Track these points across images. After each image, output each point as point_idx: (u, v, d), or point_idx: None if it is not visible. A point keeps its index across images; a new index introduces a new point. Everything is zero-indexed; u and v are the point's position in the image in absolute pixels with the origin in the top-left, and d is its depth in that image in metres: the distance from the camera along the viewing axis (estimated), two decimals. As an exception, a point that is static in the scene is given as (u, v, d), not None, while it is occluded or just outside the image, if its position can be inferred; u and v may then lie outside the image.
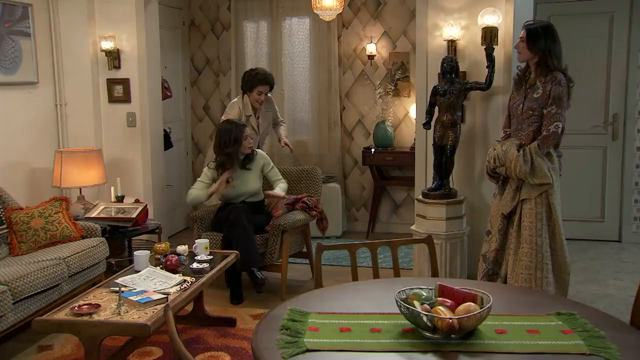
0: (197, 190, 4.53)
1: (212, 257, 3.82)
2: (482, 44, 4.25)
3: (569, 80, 3.55)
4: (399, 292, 1.95)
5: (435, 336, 1.84)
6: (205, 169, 4.62)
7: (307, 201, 4.73)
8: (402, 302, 1.89)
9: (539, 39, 3.54)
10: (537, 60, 3.58)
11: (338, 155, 6.41)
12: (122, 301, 2.95)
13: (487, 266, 3.76)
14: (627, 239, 5.84)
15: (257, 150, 4.75)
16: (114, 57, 5.12)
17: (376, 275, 2.68)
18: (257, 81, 4.89)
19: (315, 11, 5.08)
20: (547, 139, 3.50)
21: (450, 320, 1.79)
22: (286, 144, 5.17)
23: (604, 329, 1.92)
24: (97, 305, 2.96)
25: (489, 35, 4.20)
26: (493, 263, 3.74)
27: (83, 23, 5.07)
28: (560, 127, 3.49)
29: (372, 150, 5.97)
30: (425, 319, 1.82)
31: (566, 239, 3.64)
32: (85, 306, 2.94)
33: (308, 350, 1.77)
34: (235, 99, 5.12)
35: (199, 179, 4.61)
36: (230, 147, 4.44)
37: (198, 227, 4.59)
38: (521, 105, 3.64)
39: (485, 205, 4.55)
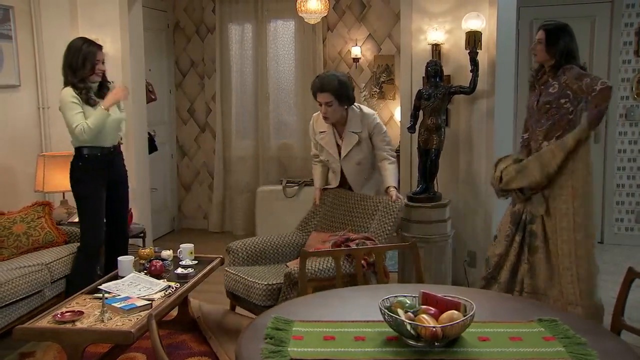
0: (84, 129, 3.79)
1: (197, 262, 3.81)
2: (466, 48, 4.27)
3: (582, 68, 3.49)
4: (383, 300, 1.96)
5: (419, 344, 1.85)
6: (70, 99, 3.83)
7: (352, 246, 3.35)
8: (386, 311, 1.89)
9: (558, 40, 3.49)
10: (554, 62, 3.51)
11: (323, 158, 6.41)
12: (105, 308, 2.93)
13: (487, 270, 3.75)
14: (609, 240, 5.91)
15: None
16: (97, 60, 5.06)
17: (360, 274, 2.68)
18: (313, 88, 3.92)
19: (300, 14, 5.08)
20: (600, 93, 3.24)
21: (434, 329, 1.80)
22: (396, 197, 3.78)
23: (585, 335, 1.94)
24: (80, 313, 2.93)
25: (473, 40, 4.22)
26: (494, 268, 3.72)
27: (66, 26, 5.01)
28: (606, 84, 3.27)
29: (357, 153, 5.97)
30: (409, 327, 1.83)
31: None
32: (68, 313, 2.92)
33: (292, 360, 1.77)
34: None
35: (74, 113, 3.82)
36: (81, 71, 3.85)
37: (232, 259, 3.92)
38: (536, 102, 3.60)
39: (470, 208, 4.58)
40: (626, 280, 2.33)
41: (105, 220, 4.08)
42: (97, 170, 3.95)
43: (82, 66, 3.86)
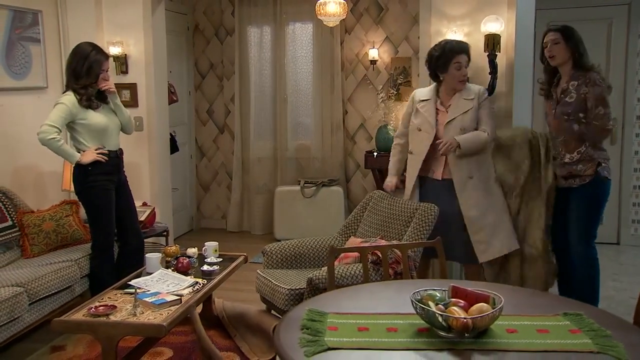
0: (54, 140, 3.75)
1: (221, 259, 3.90)
2: (485, 51, 4.33)
3: (603, 80, 3.49)
4: (414, 293, 2.04)
5: (450, 335, 1.93)
6: (69, 106, 3.79)
7: (380, 254, 3.15)
8: (417, 303, 1.97)
9: (572, 35, 3.50)
10: (572, 63, 3.52)
11: (340, 159, 6.50)
12: (137, 302, 3.02)
13: None
14: (625, 241, 5.94)
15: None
16: (121, 62, 5.18)
17: (387, 276, 2.76)
18: (451, 51, 3.81)
19: (319, 17, 5.14)
20: (606, 132, 3.44)
21: (465, 320, 1.87)
22: (442, 143, 3.68)
23: (609, 329, 2.01)
24: (113, 307, 3.03)
25: (492, 42, 4.28)
26: None
27: (91, 29, 5.13)
28: (612, 127, 3.46)
29: (375, 154, 6.05)
30: (440, 318, 1.91)
31: None
32: (102, 307, 3.01)
33: (329, 349, 1.85)
34: None
35: (54, 120, 3.75)
36: (84, 79, 3.84)
37: (267, 261, 3.92)
38: (554, 112, 3.57)
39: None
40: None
41: (116, 227, 4.09)
42: (107, 175, 3.95)
43: (86, 74, 3.85)
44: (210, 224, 7.01)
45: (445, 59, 3.80)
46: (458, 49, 3.80)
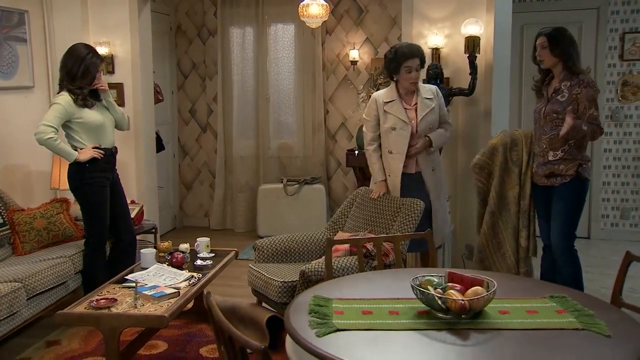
0: (52, 139, 3.84)
1: (213, 254, 4.00)
2: (465, 52, 4.52)
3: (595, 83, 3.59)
4: (413, 278, 2.19)
5: (448, 316, 2.08)
6: (66, 106, 3.87)
7: (369, 247, 3.39)
8: (417, 287, 2.12)
9: (559, 42, 3.56)
10: (561, 65, 3.59)
11: (322, 158, 6.64)
12: (138, 295, 3.12)
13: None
14: (595, 235, 6.21)
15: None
16: (108, 62, 5.23)
17: (380, 267, 2.91)
18: (402, 56, 3.91)
19: (301, 18, 5.25)
20: (598, 131, 3.52)
21: (462, 302, 2.03)
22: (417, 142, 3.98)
23: (592, 309, 2.18)
24: (114, 300, 3.12)
25: (472, 44, 4.47)
26: None
27: (77, 29, 5.17)
28: (602, 128, 3.57)
29: (356, 152, 6.19)
30: (439, 301, 2.06)
31: (537, 236, 3.98)
32: (103, 300, 3.10)
33: (338, 330, 1.99)
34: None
35: (51, 120, 3.83)
36: (79, 81, 3.91)
37: (259, 256, 4.02)
38: (543, 109, 3.65)
39: (468, 203, 4.82)
40: (624, 263, 2.58)
41: (109, 222, 4.14)
42: (102, 172, 4.02)
43: (81, 77, 3.91)
44: (193, 222, 7.08)
45: (396, 63, 3.94)
46: (408, 54, 3.91)
